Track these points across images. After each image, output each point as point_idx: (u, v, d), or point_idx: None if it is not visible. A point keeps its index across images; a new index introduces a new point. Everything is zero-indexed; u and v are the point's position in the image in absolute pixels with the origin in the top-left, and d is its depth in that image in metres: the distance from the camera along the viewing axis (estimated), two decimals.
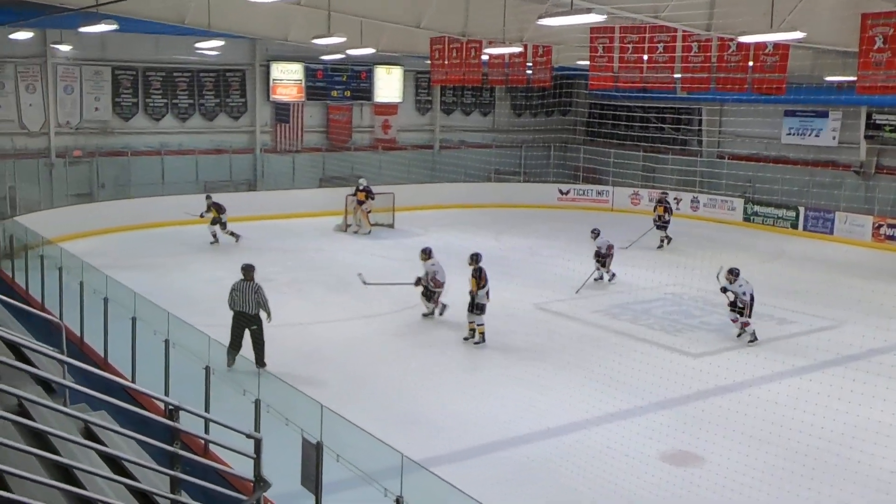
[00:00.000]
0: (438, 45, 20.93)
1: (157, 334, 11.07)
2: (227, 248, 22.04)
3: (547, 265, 18.33)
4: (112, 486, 5.52)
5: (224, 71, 28.50)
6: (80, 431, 6.28)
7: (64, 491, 4.98)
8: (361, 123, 31.65)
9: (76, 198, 25.13)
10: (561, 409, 11.46)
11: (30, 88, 25.22)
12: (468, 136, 33.89)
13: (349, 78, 30.75)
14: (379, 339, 15.02)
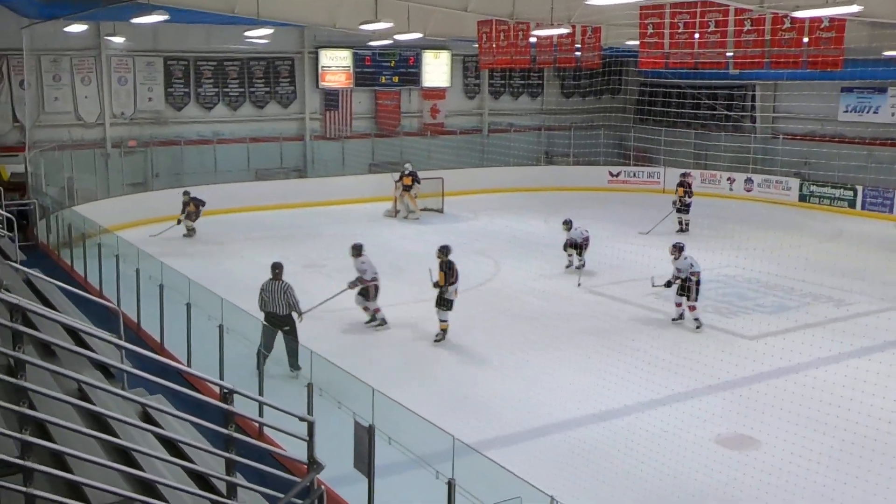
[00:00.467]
0: (486, 29, 20.82)
1: (212, 319, 11.23)
2: (279, 234, 22.25)
3: (597, 248, 18.15)
4: (169, 468, 5.62)
5: (273, 59, 28.70)
6: (138, 415, 6.40)
7: (123, 472, 5.08)
8: (410, 108, 31.65)
9: (131, 187, 25.58)
10: (613, 392, 11.37)
11: (85, 80, 25.68)
12: (517, 120, 33.69)
13: (397, 63, 30.75)
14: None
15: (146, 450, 5.35)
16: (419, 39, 22.33)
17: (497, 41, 20.59)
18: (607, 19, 20.09)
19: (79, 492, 4.87)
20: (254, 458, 5.78)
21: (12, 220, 12.64)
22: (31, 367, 4.56)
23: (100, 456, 5.07)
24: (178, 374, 7.61)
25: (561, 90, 34.69)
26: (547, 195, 28.60)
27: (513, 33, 20.19)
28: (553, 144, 33.47)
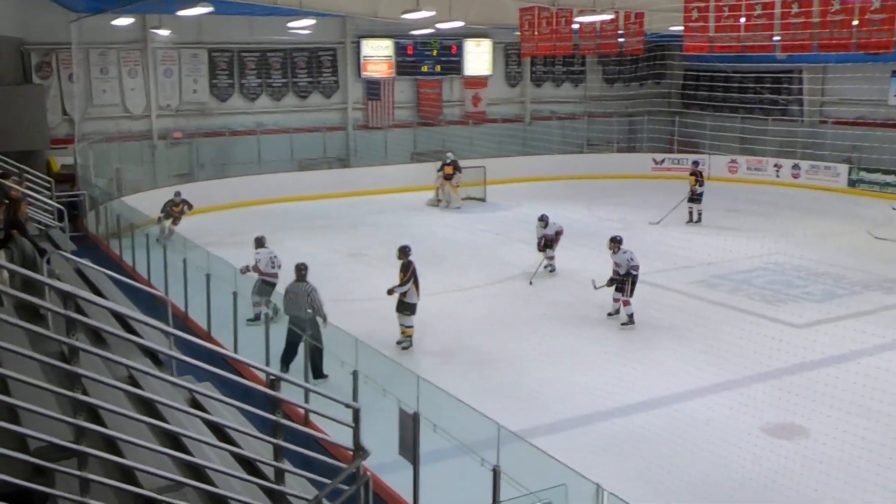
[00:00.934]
0: (528, 16, 20.70)
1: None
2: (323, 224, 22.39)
3: (641, 236, 18.00)
4: (217, 454, 5.70)
5: (316, 49, 28.83)
6: (187, 401, 6.50)
7: (173, 457, 5.17)
8: (451, 97, 31.60)
9: (177, 178, 25.87)
10: (659, 380, 11.30)
11: (132, 73, 26.03)
12: (559, 108, 33.47)
13: (439, 52, 30.69)
14: (474, 311, 15.06)
15: (195, 435, 5.43)
16: (461, 28, 22.28)
17: (539, 28, 20.46)
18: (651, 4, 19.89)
19: (131, 476, 4.96)
20: (300, 444, 5.84)
21: (63, 211, 12.88)
22: (83, 353, 4.65)
23: (150, 441, 5.16)
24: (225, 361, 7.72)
25: (604, 77, 34.38)
26: (589, 183, 28.42)
27: (555, 20, 20.05)
28: (596, 132, 33.20)
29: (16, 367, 4.69)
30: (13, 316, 5.32)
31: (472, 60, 31.31)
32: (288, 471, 5.63)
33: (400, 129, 30.34)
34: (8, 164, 13.68)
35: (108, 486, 4.66)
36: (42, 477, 4.45)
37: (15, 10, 22.38)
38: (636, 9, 20.36)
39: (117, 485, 4.71)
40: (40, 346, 5.94)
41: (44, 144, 21.92)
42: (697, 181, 22.16)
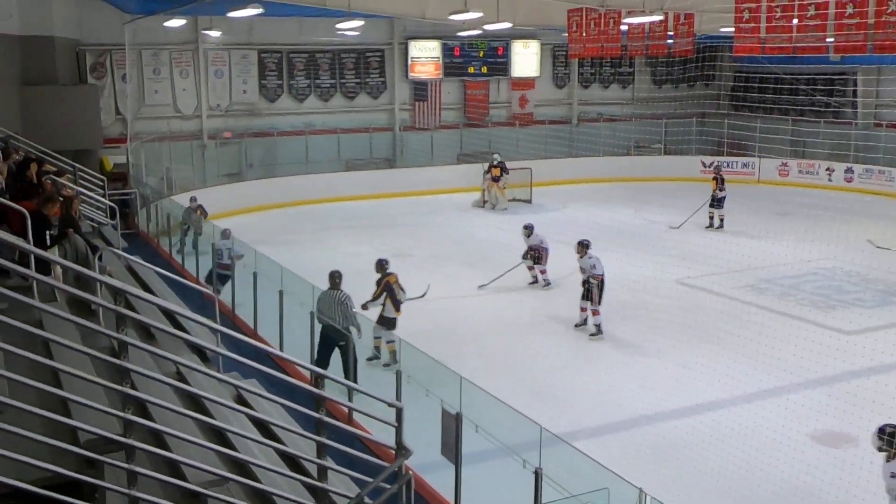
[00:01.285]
0: (576, 17, 20.59)
1: (303, 306, 11.47)
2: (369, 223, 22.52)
3: (689, 239, 17.82)
4: (262, 450, 5.77)
5: (364, 51, 29.01)
6: (233, 397, 6.58)
7: (218, 453, 5.24)
8: (498, 99, 31.58)
9: (226, 177, 26.24)
10: (704, 385, 11.16)
11: (183, 74, 26.43)
12: (607, 109, 33.25)
13: (486, 54, 30.69)
14: (517, 313, 15.03)
15: (240, 431, 5.50)
16: (508, 29, 22.25)
17: (587, 30, 20.34)
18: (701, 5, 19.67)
19: (177, 470, 5.04)
20: (343, 442, 5.88)
21: (115, 209, 13.11)
22: (133, 349, 4.74)
23: (196, 436, 5.23)
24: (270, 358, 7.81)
25: (652, 79, 34.09)
26: (637, 185, 28.19)
27: (603, 21, 19.91)
28: (643, 134, 32.92)
29: (68, 361, 4.80)
30: (66, 311, 5.43)
31: (519, 62, 31.25)
32: (331, 468, 5.67)
33: (446, 130, 30.39)
34: (63, 162, 13.97)
35: (155, 480, 4.74)
36: (92, 469, 4.54)
37: (71, 12, 22.88)
38: (686, 10, 20.14)
39: (164, 478, 4.79)
40: (91, 341, 6.07)
41: (97, 143, 22.38)
42: (719, 186, 21.79)
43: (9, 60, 19.45)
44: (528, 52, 31.30)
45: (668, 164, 30.42)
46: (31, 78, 20.58)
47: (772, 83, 30.33)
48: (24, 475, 4.25)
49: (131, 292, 5.00)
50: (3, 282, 6.74)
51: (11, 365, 4.76)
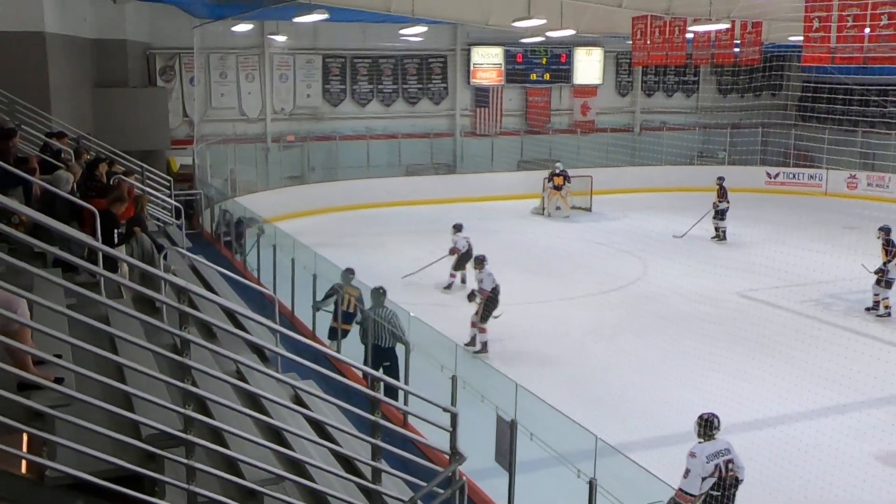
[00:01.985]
0: (641, 25, 20.41)
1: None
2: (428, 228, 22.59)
3: (751, 252, 17.50)
4: (317, 450, 5.83)
5: (426, 56, 29.16)
6: (290, 398, 6.67)
7: (275, 451, 5.31)
8: (560, 106, 31.45)
9: (289, 180, 26.60)
10: (763, 400, 10.95)
11: (249, 77, 26.89)
12: (670, 118, 32.88)
13: (548, 60, 30.60)
14: (575, 321, 14.93)
15: (297, 431, 5.57)
16: (571, 36, 22.15)
17: (652, 37, 20.15)
18: (769, 13, 19.35)
19: (234, 467, 5.12)
20: (398, 445, 5.91)
21: (180, 209, 13.37)
22: (194, 346, 4.83)
23: (254, 434, 5.31)
24: (327, 360, 7.89)
25: (717, 87, 33.61)
26: (699, 195, 27.69)
27: (668, 29, 19.70)
28: (707, 143, 32.47)
29: (132, 357, 4.92)
30: (131, 308, 5.56)
31: (581, 69, 31.10)
32: (385, 471, 5.70)
33: (507, 136, 30.37)
34: (132, 162, 14.31)
35: (213, 476, 4.83)
36: (152, 463, 4.64)
37: (143, 17, 23.46)
38: (754, 18, 19.82)
39: (222, 475, 4.87)
40: (155, 338, 6.20)
41: (165, 145, 22.88)
42: (720, 197, 21.48)
43: (83, 63, 20.00)
44: (591, 60, 31.12)
45: (733, 174, 29.75)
46: (104, 80, 21.14)
47: (841, 94, 29.63)
48: (88, 467, 4.36)
49: (194, 291, 5.10)
50: (73, 278, 6.93)
51: (79, 359, 4.89)
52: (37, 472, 4.40)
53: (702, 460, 7.28)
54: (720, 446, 7.47)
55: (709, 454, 7.34)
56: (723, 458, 7.37)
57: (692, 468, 7.30)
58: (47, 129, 13.91)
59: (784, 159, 30.79)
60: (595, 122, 31.67)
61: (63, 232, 5.20)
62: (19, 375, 4.46)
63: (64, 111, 16.65)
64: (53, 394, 4.51)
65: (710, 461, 7.29)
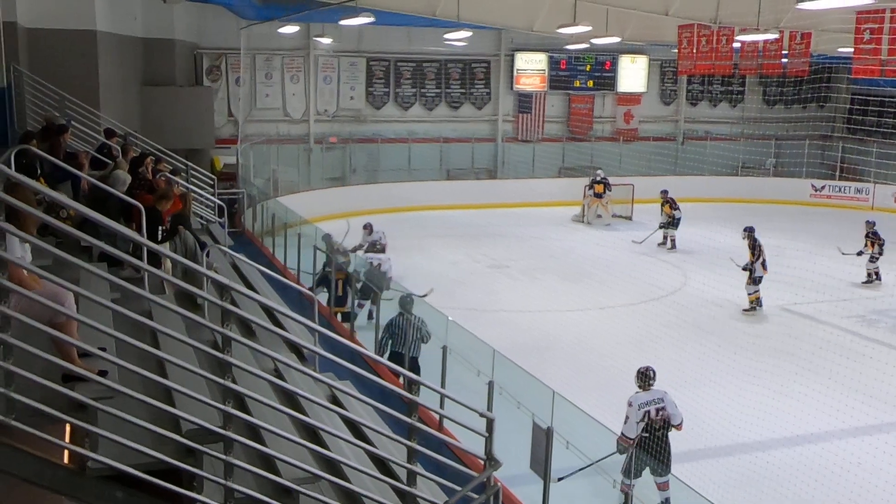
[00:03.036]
0: (687, 33, 20.21)
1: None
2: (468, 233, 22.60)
3: (794, 265, 17.22)
4: (353, 451, 5.85)
5: (470, 61, 29.19)
6: (327, 397, 6.69)
7: (311, 450, 5.33)
8: (603, 113, 31.30)
9: (330, 181, 26.78)
10: (804, 416, 10.77)
11: (294, 79, 27.13)
12: (714, 128, 32.55)
13: (592, 67, 30.47)
14: (613, 330, 14.83)
15: (333, 431, 5.59)
16: (616, 44, 22.00)
17: (698, 46, 19.93)
18: (819, 24, 19.06)
19: (271, 464, 5.16)
20: (433, 448, 5.90)
21: (223, 207, 13.51)
22: (234, 343, 4.87)
23: (291, 433, 5.34)
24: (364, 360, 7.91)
25: (763, 98, 33.21)
26: (742, 206, 27.43)
27: (715, 38, 19.48)
28: (752, 154, 32.07)
29: (173, 352, 4.97)
30: (174, 303, 5.63)
31: (626, 77, 30.92)
32: (420, 474, 5.70)
33: (549, 143, 30.28)
34: (177, 160, 14.50)
35: (250, 473, 4.86)
36: (191, 458, 4.68)
37: (191, 17, 23.76)
38: (803, 29, 19.52)
39: (258, 472, 4.91)
40: (196, 334, 6.26)
41: (210, 144, 23.15)
42: (672, 207, 21.82)
43: (132, 62, 20.31)
44: (635, 68, 30.94)
45: (777, 186, 29.55)
46: (151, 79, 21.44)
47: (891, 107, 29.11)
48: (128, 459, 4.42)
49: (235, 289, 5.15)
50: (118, 272, 7.03)
51: (122, 353, 4.96)
52: (78, 462, 4.47)
53: (635, 408, 8.47)
54: (654, 395, 8.67)
55: (641, 402, 8.55)
56: (654, 406, 8.55)
57: (630, 415, 8.47)
58: (96, 125, 14.16)
59: (830, 172, 30.32)
60: (638, 131, 31.47)
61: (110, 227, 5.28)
62: (64, 367, 4.53)
63: (112, 109, 16.92)
64: (97, 386, 4.57)
65: (642, 409, 8.49)
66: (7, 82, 12.62)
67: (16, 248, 4.73)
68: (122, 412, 4.46)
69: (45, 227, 5.75)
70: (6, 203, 4.31)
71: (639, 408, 8.45)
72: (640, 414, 8.42)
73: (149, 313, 6.08)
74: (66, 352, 4.72)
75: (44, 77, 14.22)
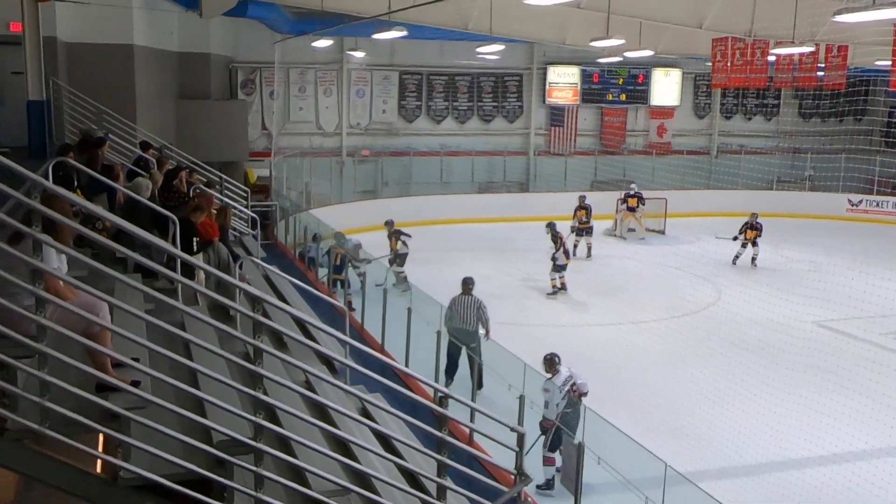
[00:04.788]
0: (721, 46, 20.09)
1: (430, 325, 11.56)
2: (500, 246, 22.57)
3: (830, 280, 16.99)
4: (383, 464, 5.84)
5: (502, 75, 29.21)
6: (358, 410, 6.70)
7: (341, 463, 5.33)
8: (636, 127, 31.16)
9: (362, 194, 26.90)
10: (842, 435, 10.59)
11: (327, 92, 27.31)
12: (749, 141, 32.27)
13: (625, 81, 30.38)
14: (646, 345, 14.71)
15: (363, 443, 5.58)
16: (650, 57, 21.94)
17: (732, 59, 19.80)
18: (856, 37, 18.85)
19: (301, 477, 5.16)
20: (463, 462, 5.88)
21: (257, 220, 13.61)
22: (266, 355, 4.89)
23: (321, 445, 5.34)
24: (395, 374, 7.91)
25: (799, 111, 32.88)
26: (777, 221, 27.08)
27: (750, 51, 19.35)
28: (787, 168, 31.73)
29: (205, 363, 5.00)
30: (206, 315, 5.66)
31: (659, 90, 30.79)
32: (450, 488, 5.67)
33: (581, 156, 30.19)
34: (211, 173, 14.65)
35: (280, 485, 4.87)
36: (221, 469, 4.70)
37: (227, 31, 24.05)
38: (840, 41, 19.33)
39: (289, 483, 4.91)
40: (228, 345, 6.30)
41: (243, 156, 23.37)
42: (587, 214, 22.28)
43: (168, 75, 20.58)
44: (668, 81, 30.80)
45: (813, 200, 29.19)
46: (187, 92, 21.71)
47: None
48: (160, 469, 4.44)
49: (267, 300, 5.16)
50: (152, 284, 7.10)
51: (155, 363, 5.00)
52: (111, 472, 4.50)
53: (556, 393, 9.29)
54: (564, 376, 9.46)
55: (559, 385, 9.34)
56: (569, 384, 9.39)
57: (550, 400, 9.31)
58: (132, 138, 14.35)
59: (867, 186, 29.89)
60: (671, 144, 31.28)
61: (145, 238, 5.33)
62: (98, 377, 4.57)
63: (148, 121, 17.15)
64: (129, 396, 4.61)
65: (562, 390, 9.31)
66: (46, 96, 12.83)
67: (52, 258, 4.78)
68: (154, 423, 4.49)
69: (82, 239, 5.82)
70: (43, 214, 4.37)
71: (560, 391, 9.31)
72: (561, 395, 9.29)
73: (182, 324, 6.12)
74: (101, 362, 4.76)
75: (82, 90, 14.45)
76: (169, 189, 10.78)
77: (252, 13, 21.32)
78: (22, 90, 12.78)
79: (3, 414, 4.25)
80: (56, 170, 8.36)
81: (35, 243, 4.30)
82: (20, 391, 4.29)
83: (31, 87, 12.28)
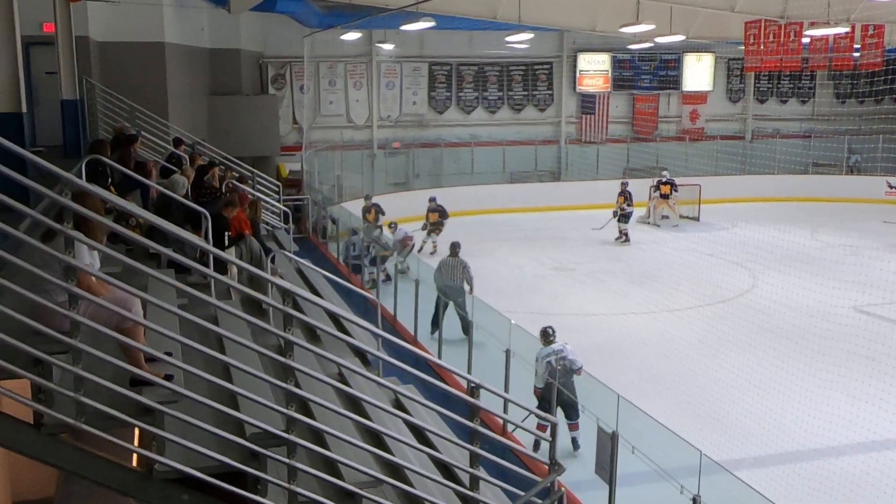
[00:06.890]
0: (754, 29, 19.81)
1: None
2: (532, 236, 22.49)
3: (869, 265, 16.70)
4: (416, 455, 5.85)
5: (532, 64, 29.06)
6: (391, 402, 6.71)
7: (374, 455, 5.34)
8: (668, 113, 30.86)
9: (394, 186, 26.93)
10: (881, 422, 10.43)
11: (357, 85, 27.35)
12: (784, 125, 31.82)
13: (657, 67, 30.08)
14: (681, 333, 14.58)
15: (397, 435, 5.59)
16: (681, 42, 21.72)
17: (766, 42, 19.51)
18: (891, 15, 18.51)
19: (334, 468, 5.18)
20: (496, 453, 5.87)
21: (288, 213, 13.68)
22: (298, 348, 4.91)
23: (354, 437, 5.36)
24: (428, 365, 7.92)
25: (835, 93, 32.35)
26: (813, 206, 26.80)
27: (783, 34, 19.06)
28: (823, 151, 31.25)
29: (238, 357, 5.03)
30: (239, 309, 5.70)
31: (691, 75, 30.45)
32: (483, 479, 5.67)
33: (613, 144, 29.98)
34: (243, 168, 14.74)
35: (313, 476, 4.89)
36: (255, 461, 4.73)
37: (256, 27, 24.17)
38: (875, 21, 18.99)
39: (322, 475, 4.93)
40: (261, 339, 6.34)
41: (275, 151, 23.51)
42: (627, 201, 22.00)
43: (200, 72, 20.74)
44: (701, 66, 30.45)
45: (850, 183, 28.75)
46: (218, 88, 21.86)
47: None
48: (194, 462, 4.49)
49: (300, 294, 5.18)
50: (185, 279, 7.16)
51: (188, 357, 5.04)
52: (146, 465, 4.56)
53: (540, 361, 9.82)
54: (554, 348, 9.89)
55: (543, 356, 9.84)
56: (554, 357, 9.77)
57: (538, 369, 9.89)
58: (165, 135, 14.48)
59: None
60: (704, 130, 30.95)
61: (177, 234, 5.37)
62: (132, 372, 4.62)
63: (180, 118, 17.30)
64: (163, 390, 4.65)
65: (543, 360, 9.82)
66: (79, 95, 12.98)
67: (84, 255, 4.83)
68: (187, 416, 4.53)
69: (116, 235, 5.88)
70: (75, 211, 4.42)
71: (541, 360, 9.81)
72: (543, 364, 9.76)
73: (215, 319, 6.17)
74: (134, 356, 4.82)
75: (114, 89, 14.61)
76: (201, 185, 10.86)
77: (281, 8, 21.42)
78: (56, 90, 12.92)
79: (39, 409, 4.31)
80: (90, 167, 8.44)
81: (67, 240, 4.35)
82: (56, 386, 4.35)
83: (64, 87, 12.41)
